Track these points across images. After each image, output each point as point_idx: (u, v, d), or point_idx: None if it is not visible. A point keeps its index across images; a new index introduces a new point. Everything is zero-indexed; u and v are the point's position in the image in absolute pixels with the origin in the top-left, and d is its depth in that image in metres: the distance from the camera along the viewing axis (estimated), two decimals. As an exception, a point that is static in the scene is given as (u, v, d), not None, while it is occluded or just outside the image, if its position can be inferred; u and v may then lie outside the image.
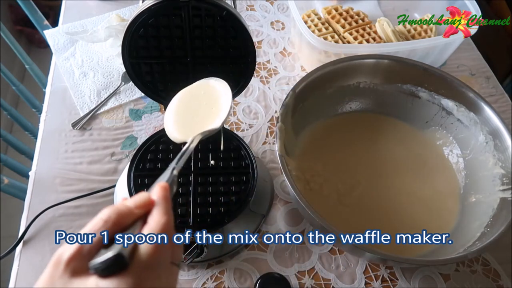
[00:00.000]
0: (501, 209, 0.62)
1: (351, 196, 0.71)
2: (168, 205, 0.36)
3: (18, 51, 1.05)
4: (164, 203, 0.36)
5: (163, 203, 0.36)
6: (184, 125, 0.54)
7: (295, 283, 0.66)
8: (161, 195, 0.37)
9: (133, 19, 0.56)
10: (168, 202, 0.37)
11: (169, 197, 0.37)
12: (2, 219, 1.34)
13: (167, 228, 0.35)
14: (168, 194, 0.37)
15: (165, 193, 0.37)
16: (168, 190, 0.37)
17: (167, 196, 0.37)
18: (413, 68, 0.73)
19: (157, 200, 0.36)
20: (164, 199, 0.36)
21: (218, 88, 0.56)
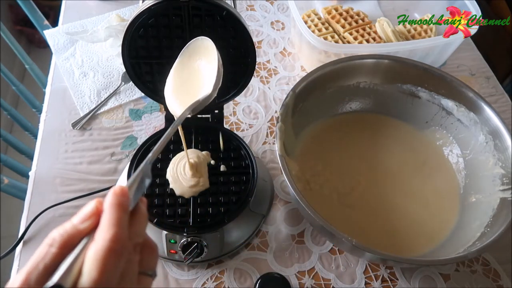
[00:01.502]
0: (501, 209, 0.62)
1: (351, 196, 0.71)
2: (117, 213, 0.31)
3: (18, 51, 1.05)
4: (111, 212, 0.30)
5: (111, 212, 0.31)
6: (179, 97, 0.52)
7: (295, 283, 0.66)
8: (110, 202, 0.31)
9: (133, 19, 0.56)
10: (118, 209, 0.31)
11: (123, 203, 0.31)
12: (2, 219, 1.34)
13: (117, 241, 0.29)
14: (121, 200, 0.31)
15: (115, 200, 0.31)
16: (121, 195, 0.32)
17: (119, 202, 0.31)
18: (413, 68, 0.73)
19: (104, 209, 0.31)
20: (113, 206, 0.31)
21: (210, 49, 0.52)
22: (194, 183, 0.62)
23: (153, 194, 0.63)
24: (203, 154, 0.66)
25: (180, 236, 0.61)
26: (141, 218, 0.34)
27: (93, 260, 0.28)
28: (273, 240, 0.69)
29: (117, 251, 0.29)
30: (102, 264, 0.28)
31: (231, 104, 0.86)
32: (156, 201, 0.62)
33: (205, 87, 0.51)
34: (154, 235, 0.64)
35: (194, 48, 0.54)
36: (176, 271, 0.66)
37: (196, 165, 0.64)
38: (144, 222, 0.34)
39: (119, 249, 0.29)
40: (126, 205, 0.32)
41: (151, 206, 0.62)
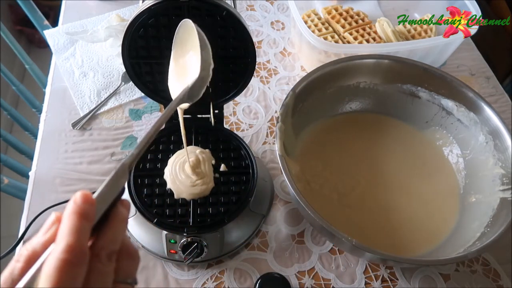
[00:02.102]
0: (501, 209, 0.62)
1: (351, 196, 0.71)
2: (73, 222, 0.28)
3: (18, 51, 1.05)
4: (67, 221, 0.29)
5: (66, 221, 0.29)
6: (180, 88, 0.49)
7: (295, 283, 0.66)
8: (68, 211, 0.29)
9: (133, 19, 0.56)
10: (75, 217, 0.29)
11: (82, 210, 0.29)
12: (2, 219, 1.34)
13: (71, 251, 0.27)
14: (80, 207, 0.29)
15: (73, 207, 0.29)
16: (82, 201, 0.30)
17: (76, 210, 0.29)
18: (413, 68, 0.73)
19: (62, 218, 0.29)
20: (70, 214, 0.29)
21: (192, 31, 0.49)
22: (198, 185, 0.62)
23: (153, 194, 0.63)
24: (205, 152, 0.66)
25: (180, 236, 0.61)
26: (116, 224, 0.32)
27: (46, 272, 0.27)
28: (273, 240, 0.69)
29: (71, 262, 0.27)
30: (55, 277, 0.27)
31: (231, 104, 0.86)
32: (156, 201, 0.62)
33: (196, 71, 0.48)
34: (154, 235, 0.64)
35: (182, 35, 0.52)
36: (176, 271, 0.66)
37: (200, 165, 0.63)
38: (120, 228, 0.32)
39: (74, 260, 0.27)
40: (87, 212, 0.29)
41: (151, 206, 0.62)
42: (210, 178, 0.64)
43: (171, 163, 0.64)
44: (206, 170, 0.64)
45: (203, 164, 0.64)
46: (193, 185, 0.62)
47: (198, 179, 0.62)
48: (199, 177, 0.63)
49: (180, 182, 0.62)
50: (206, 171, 0.64)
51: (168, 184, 0.63)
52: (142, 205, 0.61)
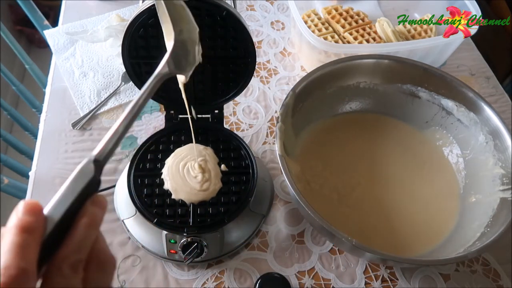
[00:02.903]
0: (501, 209, 0.62)
1: (351, 196, 0.71)
2: (14, 238, 0.25)
3: (18, 51, 1.05)
4: (6, 237, 0.26)
5: (6, 236, 0.26)
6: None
7: (295, 283, 0.66)
8: (8, 225, 0.26)
9: (133, 19, 0.56)
10: (13, 232, 0.26)
11: (23, 223, 0.26)
12: (2, 219, 1.34)
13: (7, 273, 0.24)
14: (21, 220, 0.26)
15: (14, 221, 0.26)
16: (23, 212, 0.27)
17: (16, 224, 0.26)
18: (413, 68, 0.73)
19: (1, 234, 0.26)
20: (12, 229, 0.26)
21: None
22: (206, 190, 0.62)
23: (153, 194, 0.63)
24: (208, 149, 0.66)
25: (180, 236, 0.61)
26: (80, 228, 0.28)
27: None
28: (273, 240, 0.69)
29: (6, 284, 0.24)
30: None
31: (231, 104, 0.86)
32: (156, 201, 0.62)
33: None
34: (154, 235, 0.64)
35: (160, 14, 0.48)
36: (176, 271, 0.66)
37: (207, 166, 0.63)
38: (86, 233, 0.28)
39: (10, 282, 0.24)
40: (29, 226, 0.26)
41: (151, 206, 0.62)
42: (218, 179, 0.64)
43: (171, 164, 0.64)
44: (213, 172, 0.64)
45: (209, 164, 0.64)
46: (201, 190, 0.62)
47: (206, 183, 0.62)
48: (207, 181, 0.62)
49: (186, 187, 0.62)
50: (213, 173, 0.64)
51: (171, 191, 0.62)
52: (142, 205, 0.61)
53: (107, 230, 0.68)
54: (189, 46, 0.46)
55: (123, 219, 0.67)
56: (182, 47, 0.45)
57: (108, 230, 0.69)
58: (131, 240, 0.67)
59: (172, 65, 0.43)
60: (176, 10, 0.45)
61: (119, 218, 0.68)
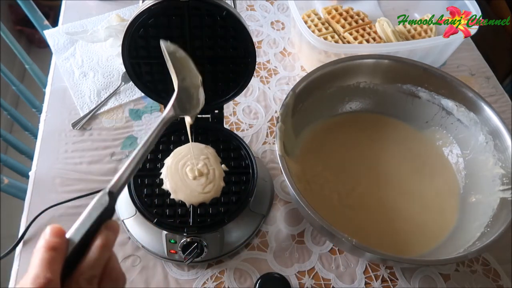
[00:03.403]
0: (501, 209, 0.62)
1: (351, 196, 0.71)
2: (40, 254, 0.32)
3: (18, 51, 1.05)
4: (36, 254, 0.32)
5: (36, 254, 0.33)
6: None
7: (295, 283, 0.66)
8: (38, 245, 0.33)
9: (133, 19, 0.56)
10: (42, 251, 0.32)
11: (49, 244, 0.33)
12: (2, 219, 1.34)
13: (34, 282, 0.31)
14: (47, 241, 0.33)
15: (42, 242, 0.33)
16: (50, 234, 0.33)
17: (44, 244, 0.33)
18: (413, 68, 0.73)
19: (33, 252, 0.33)
20: (40, 248, 0.33)
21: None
22: (207, 191, 0.62)
23: (153, 194, 0.63)
24: (208, 148, 0.66)
25: (180, 236, 0.61)
26: (95, 249, 0.34)
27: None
28: (273, 240, 0.69)
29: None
30: None
31: (231, 104, 0.86)
32: (156, 201, 0.62)
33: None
34: (154, 235, 0.64)
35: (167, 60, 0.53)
36: (176, 271, 0.66)
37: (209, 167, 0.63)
38: (100, 253, 0.34)
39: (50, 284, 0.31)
40: (54, 245, 0.33)
41: (151, 206, 0.62)
42: (221, 179, 0.64)
43: (170, 164, 0.64)
44: (217, 172, 0.64)
45: (213, 164, 0.64)
46: (203, 192, 0.62)
47: (209, 185, 0.62)
48: (210, 183, 0.62)
49: (186, 188, 0.62)
50: (217, 173, 0.64)
51: (170, 191, 0.62)
52: (142, 205, 0.61)
53: (107, 230, 0.68)
54: (192, 91, 0.52)
55: (123, 219, 0.67)
56: (185, 92, 0.51)
57: (108, 230, 0.68)
58: (131, 240, 0.67)
59: (177, 109, 0.49)
60: (178, 61, 0.51)
61: (119, 218, 0.68)
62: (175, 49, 0.51)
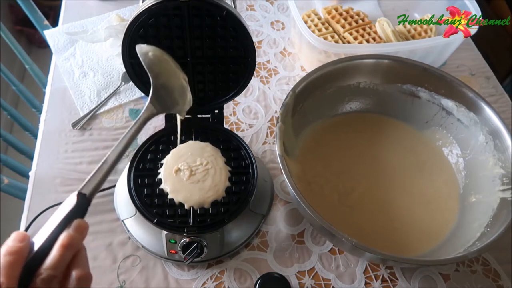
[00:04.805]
0: (501, 209, 0.62)
1: (351, 197, 0.71)
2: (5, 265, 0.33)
3: (18, 51, 1.05)
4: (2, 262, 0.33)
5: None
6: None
7: (295, 283, 0.66)
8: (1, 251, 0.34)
9: (133, 19, 0.56)
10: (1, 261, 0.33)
11: (10, 249, 0.34)
12: (2, 219, 1.34)
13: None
14: (9, 246, 0.34)
15: (3, 247, 0.34)
16: (12, 239, 0.34)
17: (4, 250, 0.34)
18: (413, 68, 0.73)
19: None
20: (1, 255, 0.33)
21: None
22: (209, 195, 0.62)
23: (153, 194, 0.63)
24: (208, 146, 0.66)
25: (180, 236, 0.61)
26: (55, 250, 0.35)
27: None
28: (273, 240, 0.69)
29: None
30: None
31: (231, 104, 0.86)
32: (156, 201, 0.62)
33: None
34: (154, 235, 0.64)
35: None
36: (176, 271, 0.66)
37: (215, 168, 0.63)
38: (60, 253, 0.35)
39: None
40: (12, 249, 0.34)
41: (151, 206, 0.62)
42: (225, 178, 0.63)
43: (169, 165, 0.64)
44: (223, 173, 0.64)
45: (219, 164, 0.64)
46: (205, 196, 0.62)
47: (213, 188, 0.62)
48: (215, 186, 0.62)
49: (187, 192, 0.62)
50: (223, 173, 0.63)
51: (169, 192, 0.62)
52: (142, 205, 0.61)
53: (107, 230, 0.68)
54: (170, 89, 0.53)
55: (123, 219, 0.67)
56: (164, 90, 0.52)
57: (108, 230, 0.69)
58: (131, 240, 0.67)
59: (158, 106, 0.50)
60: (151, 60, 0.52)
61: (119, 218, 0.68)
62: (148, 49, 0.52)
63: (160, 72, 0.53)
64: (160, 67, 0.53)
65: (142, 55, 0.52)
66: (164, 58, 0.54)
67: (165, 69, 0.53)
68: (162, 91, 0.52)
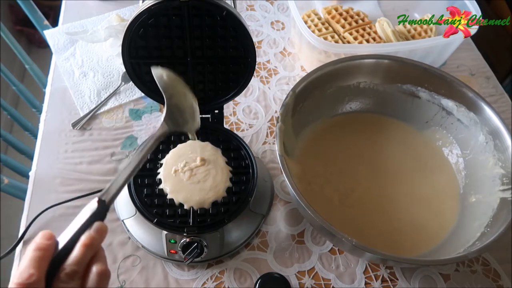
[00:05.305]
0: (501, 209, 0.62)
1: (351, 197, 0.71)
2: (28, 254, 0.37)
3: (18, 51, 1.05)
4: (25, 256, 0.37)
5: (24, 256, 0.37)
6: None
7: (295, 283, 0.66)
8: (27, 248, 0.38)
9: (133, 19, 0.56)
10: (31, 251, 0.37)
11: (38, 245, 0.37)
12: (2, 219, 1.34)
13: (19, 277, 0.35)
14: (36, 243, 0.37)
15: (31, 244, 0.38)
16: (40, 237, 0.38)
17: (33, 246, 0.37)
18: (413, 68, 0.73)
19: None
20: (28, 250, 0.37)
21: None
22: (209, 196, 0.62)
23: (153, 194, 0.63)
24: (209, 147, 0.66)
25: (180, 236, 0.61)
26: (78, 248, 0.38)
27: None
28: (273, 240, 0.69)
29: (20, 284, 0.35)
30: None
31: (231, 104, 0.86)
32: (156, 201, 0.62)
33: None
34: (154, 235, 0.64)
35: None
36: (176, 271, 0.66)
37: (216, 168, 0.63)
38: (81, 251, 0.38)
39: (21, 282, 0.35)
40: (40, 246, 0.38)
41: (151, 206, 0.62)
42: (226, 178, 0.64)
43: (168, 165, 0.64)
44: (224, 172, 0.64)
45: (220, 163, 0.64)
46: (207, 197, 0.62)
47: (213, 189, 0.62)
48: (216, 187, 0.62)
49: (187, 193, 0.62)
50: (224, 173, 0.63)
51: (168, 192, 0.62)
52: (142, 205, 0.61)
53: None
54: (184, 106, 0.56)
55: (123, 219, 0.67)
56: (176, 109, 0.55)
57: (108, 230, 0.68)
58: (131, 240, 0.67)
59: (170, 124, 0.53)
60: (164, 82, 0.55)
61: (119, 218, 0.68)
62: (162, 72, 0.55)
63: (173, 94, 0.55)
64: (174, 89, 0.55)
65: (158, 77, 0.55)
66: (177, 80, 0.56)
67: (178, 91, 0.56)
68: (175, 111, 0.54)
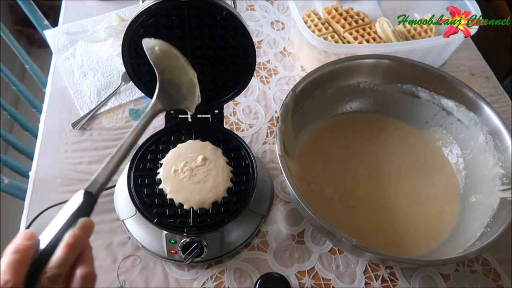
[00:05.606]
0: (501, 209, 0.62)
1: (351, 197, 0.71)
2: (5, 257, 0.33)
3: (18, 51, 1.05)
4: (2, 259, 0.34)
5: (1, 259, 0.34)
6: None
7: (295, 283, 0.66)
8: (5, 251, 0.34)
9: (133, 19, 0.56)
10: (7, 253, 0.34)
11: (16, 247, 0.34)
12: (2, 219, 1.34)
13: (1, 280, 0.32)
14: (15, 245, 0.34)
15: (11, 246, 0.34)
16: (19, 238, 0.35)
17: (11, 248, 0.34)
18: (413, 68, 0.73)
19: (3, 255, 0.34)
20: (5, 253, 0.34)
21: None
22: (210, 197, 0.61)
23: (153, 194, 0.63)
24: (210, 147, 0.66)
25: (180, 236, 0.61)
26: (60, 249, 0.35)
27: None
28: (273, 240, 0.69)
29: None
30: None
31: (231, 104, 0.86)
32: (156, 201, 0.62)
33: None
34: (154, 235, 0.64)
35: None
36: (176, 271, 0.66)
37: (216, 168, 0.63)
38: (65, 252, 0.35)
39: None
40: (19, 248, 0.34)
41: (151, 206, 0.62)
42: (227, 178, 0.63)
43: (168, 165, 0.64)
44: (225, 172, 0.63)
45: (220, 164, 0.64)
46: (207, 197, 0.62)
47: (213, 189, 0.62)
48: (217, 187, 0.62)
49: (187, 193, 0.62)
50: (225, 173, 0.63)
51: (168, 193, 0.62)
52: (142, 205, 0.61)
53: (107, 230, 0.68)
54: (178, 83, 0.51)
55: (123, 219, 0.67)
56: (171, 85, 0.50)
57: (108, 230, 0.69)
58: (131, 240, 0.67)
59: (165, 101, 0.49)
60: (156, 55, 0.50)
61: (119, 218, 0.68)
62: (154, 43, 0.51)
63: (167, 68, 0.51)
64: (167, 63, 0.51)
65: (149, 49, 0.50)
66: (172, 53, 0.52)
67: (172, 64, 0.52)
68: (169, 87, 0.50)
